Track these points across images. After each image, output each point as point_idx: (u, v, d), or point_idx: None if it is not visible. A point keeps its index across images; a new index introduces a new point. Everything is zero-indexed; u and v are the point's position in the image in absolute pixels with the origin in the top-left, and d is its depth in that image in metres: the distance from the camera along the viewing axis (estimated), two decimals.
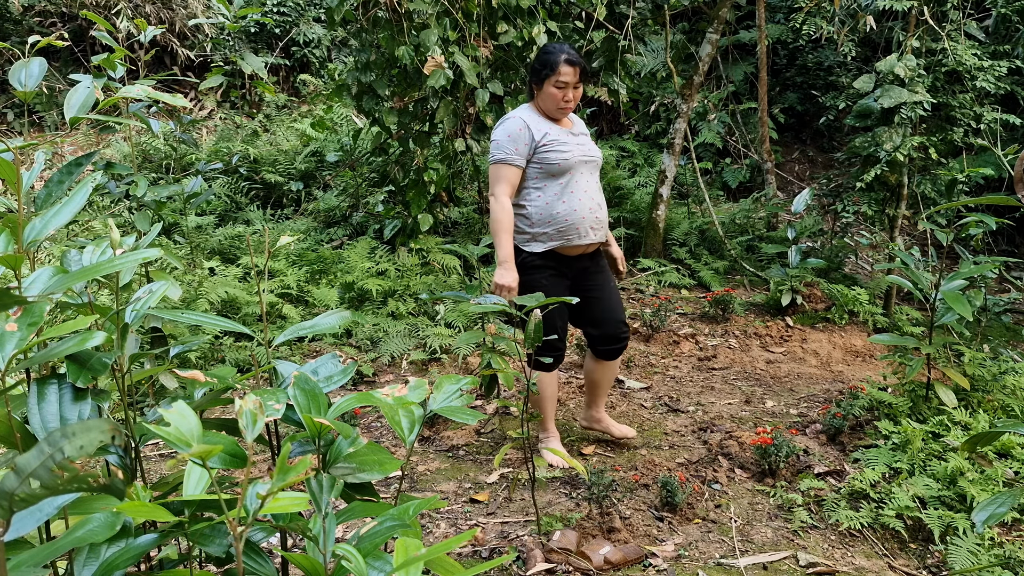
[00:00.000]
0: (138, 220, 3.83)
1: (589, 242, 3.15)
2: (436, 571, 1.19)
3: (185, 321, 1.40)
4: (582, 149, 3.15)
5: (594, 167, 3.21)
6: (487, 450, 3.58)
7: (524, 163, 3.08)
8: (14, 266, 1.21)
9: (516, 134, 3.07)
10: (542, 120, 3.14)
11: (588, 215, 3.11)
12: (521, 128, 3.07)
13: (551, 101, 3.10)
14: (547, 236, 3.09)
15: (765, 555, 2.72)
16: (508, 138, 3.07)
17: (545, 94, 3.10)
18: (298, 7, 8.96)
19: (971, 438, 1.85)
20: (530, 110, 3.18)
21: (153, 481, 1.55)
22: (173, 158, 6.60)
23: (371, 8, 5.14)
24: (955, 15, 5.11)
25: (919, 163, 5.17)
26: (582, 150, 3.15)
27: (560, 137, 3.11)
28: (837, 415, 3.53)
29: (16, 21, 7.94)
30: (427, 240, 5.64)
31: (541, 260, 3.11)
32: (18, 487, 1.03)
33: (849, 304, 5.20)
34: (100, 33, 3.36)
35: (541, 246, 3.10)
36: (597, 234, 3.17)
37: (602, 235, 3.20)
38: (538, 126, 3.10)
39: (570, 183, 3.10)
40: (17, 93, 1.47)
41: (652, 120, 8.69)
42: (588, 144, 3.21)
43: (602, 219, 3.17)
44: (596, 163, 3.21)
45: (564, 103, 3.10)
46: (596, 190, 3.19)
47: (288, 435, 1.32)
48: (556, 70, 3.05)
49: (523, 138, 3.06)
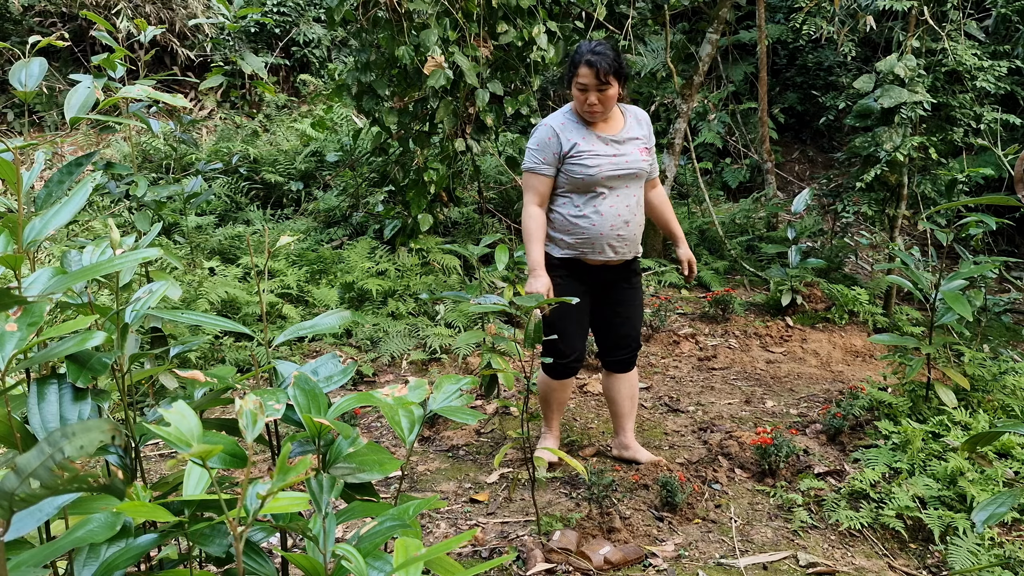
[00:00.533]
0: (138, 220, 3.83)
1: (607, 259, 3.01)
2: (436, 571, 1.19)
3: (185, 321, 1.40)
4: (615, 162, 2.93)
5: (631, 180, 2.98)
6: (487, 450, 3.58)
7: (553, 171, 2.95)
8: (14, 266, 1.21)
9: (545, 143, 2.93)
10: (577, 125, 2.96)
11: (609, 232, 2.95)
12: (551, 137, 2.92)
13: (577, 104, 2.93)
14: (566, 244, 3.01)
15: (765, 555, 2.72)
16: (537, 146, 2.95)
17: (573, 96, 2.93)
18: (298, 7, 8.96)
19: (971, 438, 1.85)
20: (567, 113, 3.00)
21: (153, 481, 1.55)
22: (173, 158, 6.60)
23: (371, 8, 5.14)
24: (955, 15, 5.12)
25: (919, 163, 5.18)
26: (615, 163, 2.93)
27: (591, 147, 2.92)
28: (837, 415, 3.53)
29: (16, 21, 7.94)
30: (427, 240, 5.64)
31: (559, 262, 3.05)
32: (18, 487, 1.03)
33: (849, 304, 5.20)
34: (100, 33, 3.36)
35: (560, 251, 3.03)
36: (620, 252, 3.00)
37: (629, 252, 3.03)
38: (569, 135, 2.93)
39: (596, 198, 2.94)
40: (17, 93, 1.47)
41: (652, 120, 8.69)
42: (630, 153, 2.97)
43: (628, 236, 2.99)
44: (634, 175, 2.98)
45: (588, 107, 2.89)
46: (628, 206, 2.98)
47: (288, 435, 1.32)
48: (576, 70, 2.87)
49: (551, 147, 2.92)
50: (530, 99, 5.36)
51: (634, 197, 3.00)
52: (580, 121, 2.96)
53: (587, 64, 2.82)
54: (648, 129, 3.08)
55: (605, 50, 2.84)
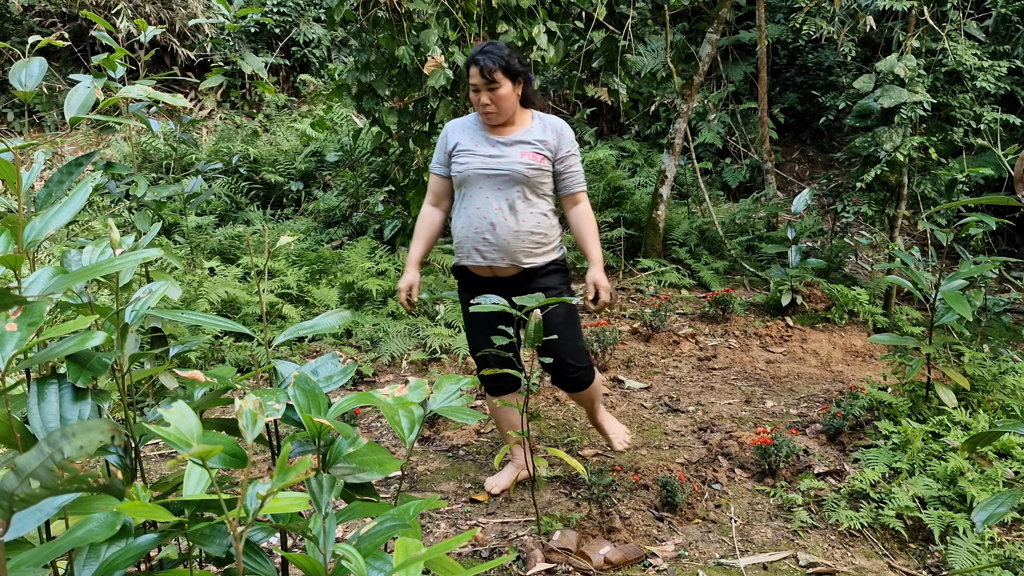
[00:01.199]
0: (138, 220, 3.83)
1: (476, 263, 2.84)
2: (436, 571, 1.19)
3: (185, 321, 1.40)
4: (487, 162, 2.79)
5: (506, 183, 2.78)
6: (487, 450, 3.58)
7: (445, 171, 2.90)
8: (14, 266, 1.21)
9: (440, 142, 2.92)
10: (475, 127, 2.89)
11: (474, 236, 2.79)
12: (445, 136, 2.90)
13: (475, 106, 2.83)
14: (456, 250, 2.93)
15: (765, 555, 2.72)
16: (437, 146, 2.95)
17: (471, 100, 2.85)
18: (298, 7, 8.96)
19: (971, 438, 1.85)
20: (475, 115, 2.91)
21: (153, 481, 1.55)
22: (173, 158, 6.60)
23: (371, 8, 5.14)
24: (955, 15, 5.11)
25: (919, 163, 5.18)
26: (486, 163, 2.79)
27: (472, 147, 2.83)
28: (837, 415, 3.53)
29: (16, 21, 7.94)
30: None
31: (457, 273, 2.98)
32: (18, 487, 1.03)
33: (849, 304, 5.20)
34: (100, 33, 3.36)
35: (455, 258, 2.96)
36: (489, 258, 2.80)
37: (503, 260, 2.80)
38: (459, 135, 2.88)
39: (465, 197, 2.84)
40: (17, 93, 1.47)
41: (652, 120, 8.70)
42: (510, 156, 2.79)
43: (496, 243, 2.77)
44: (508, 178, 2.78)
45: (482, 108, 2.78)
46: (499, 209, 2.77)
47: (288, 435, 1.31)
48: (468, 71, 2.78)
49: (443, 146, 2.90)
50: None
51: (507, 201, 2.78)
52: (481, 123, 2.88)
53: (474, 63, 2.72)
54: (559, 139, 2.85)
55: (493, 48, 2.73)
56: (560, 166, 2.88)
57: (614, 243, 6.37)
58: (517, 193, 2.79)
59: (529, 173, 2.78)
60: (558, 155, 2.86)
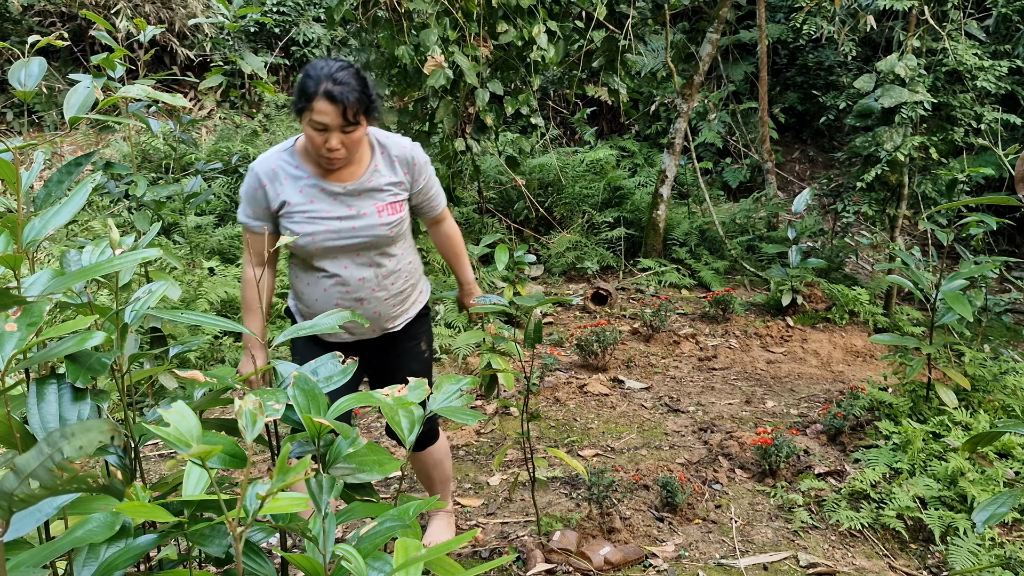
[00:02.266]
0: (138, 220, 3.82)
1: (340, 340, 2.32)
2: (436, 571, 1.19)
3: (185, 321, 1.40)
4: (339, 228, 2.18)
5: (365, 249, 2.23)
6: (487, 450, 3.58)
7: (270, 227, 2.22)
8: (14, 266, 1.21)
9: (251, 195, 2.21)
10: (297, 172, 2.20)
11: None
12: (257, 188, 2.20)
13: (312, 147, 2.12)
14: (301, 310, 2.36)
15: (765, 555, 2.72)
16: (244, 197, 2.24)
17: (305, 133, 2.12)
18: (298, 7, 8.96)
19: (972, 438, 1.85)
20: (288, 153, 2.23)
21: (153, 481, 1.54)
22: (173, 158, 6.59)
23: (371, 8, 5.14)
24: (955, 15, 5.11)
25: (919, 163, 5.17)
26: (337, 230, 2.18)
27: (310, 207, 2.18)
28: (837, 415, 3.53)
29: (16, 21, 7.94)
30: (427, 240, 5.64)
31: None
32: (18, 487, 1.03)
33: (849, 304, 5.20)
34: (100, 33, 3.35)
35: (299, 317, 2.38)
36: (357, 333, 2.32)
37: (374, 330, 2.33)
38: (280, 187, 2.18)
39: (312, 266, 2.24)
40: (17, 93, 1.47)
41: (652, 120, 8.70)
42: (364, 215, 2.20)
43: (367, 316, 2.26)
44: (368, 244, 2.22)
45: (328, 153, 2.10)
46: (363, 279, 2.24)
47: (288, 435, 1.31)
48: (310, 104, 2.05)
49: (259, 201, 2.21)
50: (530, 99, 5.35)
51: (371, 268, 2.25)
52: (304, 164, 2.20)
53: (328, 98, 2.03)
54: (412, 171, 2.30)
55: (348, 78, 2.07)
56: (419, 198, 2.36)
57: (614, 243, 6.36)
58: (378, 255, 2.26)
59: (392, 232, 2.25)
60: (415, 188, 2.33)
